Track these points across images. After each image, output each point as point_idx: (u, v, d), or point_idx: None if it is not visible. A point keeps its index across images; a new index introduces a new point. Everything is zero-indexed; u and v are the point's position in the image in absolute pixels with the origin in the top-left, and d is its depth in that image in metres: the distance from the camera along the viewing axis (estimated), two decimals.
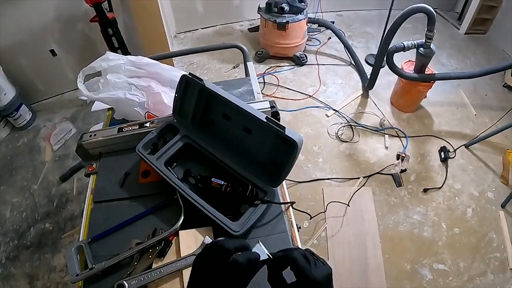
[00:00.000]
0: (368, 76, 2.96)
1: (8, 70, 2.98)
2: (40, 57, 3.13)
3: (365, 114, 2.85)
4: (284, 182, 1.07)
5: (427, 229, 2.16)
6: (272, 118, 0.95)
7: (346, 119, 2.78)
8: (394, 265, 2.00)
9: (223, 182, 1.00)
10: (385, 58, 2.54)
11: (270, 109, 1.23)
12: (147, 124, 1.20)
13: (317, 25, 3.56)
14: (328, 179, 2.42)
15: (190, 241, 0.93)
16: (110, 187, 1.16)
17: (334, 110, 2.85)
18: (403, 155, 2.50)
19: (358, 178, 2.41)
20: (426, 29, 2.34)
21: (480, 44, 3.66)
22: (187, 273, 0.86)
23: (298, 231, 0.98)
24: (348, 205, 2.22)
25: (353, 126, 2.74)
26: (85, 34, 3.07)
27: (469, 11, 3.70)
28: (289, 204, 1.02)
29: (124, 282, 0.83)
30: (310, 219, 2.11)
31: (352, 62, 3.26)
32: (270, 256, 0.56)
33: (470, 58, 3.48)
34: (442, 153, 2.53)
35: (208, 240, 0.89)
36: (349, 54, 3.27)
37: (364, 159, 2.53)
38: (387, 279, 1.93)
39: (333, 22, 3.56)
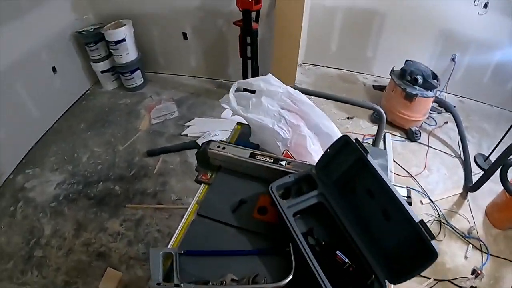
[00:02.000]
0: (473, 177, 2.76)
1: (138, 34, 3.21)
2: (172, 35, 3.32)
3: (457, 215, 2.62)
4: None
5: None
6: (425, 223, 0.87)
7: (438, 214, 2.57)
8: None
9: (347, 260, 0.93)
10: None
11: (406, 198, 1.14)
12: (283, 163, 1.16)
13: (437, 104, 3.37)
14: None
15: None
16: (221, 207, 1.13)
17: (430, 199, 2.65)
18: (479, 272, 2.25)
19: (429, 278, 2.21)
20: None
21: None
22: None
23: None
24: None
25: (442, 223, 2.52)
26: (222, 32, 3.19)
27: None
28: None
29: None
30: None
31: (462, 156, 3.02)
32: None
33: None
34: None
35: None
36: (461, 147, 3.04)
37: (440, 261, 2.31)
38: None
39: (454, 107, 3.35)
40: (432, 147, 3.08)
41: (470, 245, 2.44)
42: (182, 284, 0.87)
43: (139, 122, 3.02)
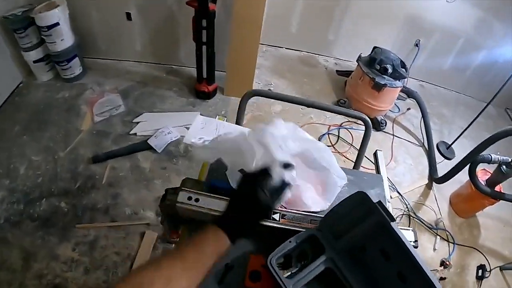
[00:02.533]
0: (437, 166, 2.79)
1: (74, 16, 2.73)
2: (114, 16, 2.87)
3: (424, 207, 2.65)
4: None
5: None
6: None
7: (407, 207, 2.57)
8: None
9: None
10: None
11: (413, 243, 1.01)
12: (276, 216, 0.95)
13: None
14: None
15: None
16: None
17: (399, 193, 2.62)
18: (447, 262, 2.34)
19: None
20: None
21: None
22: None
23: None
24: None
25: (411, 217, 2.53)
26: (172, 13, 2.81)
27: None
28: None
29: None
30: None
31: (425, 145, 3.03)
32: None
33: None
34: (480, 271, 2.37)
35: None
36: (425, 136, 3.04)
37: None
38: None
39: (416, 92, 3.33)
40: (397, 136, 3.05)
41: (438, 237, 2.49)
42: None
43: (80, 121, 2.60)
